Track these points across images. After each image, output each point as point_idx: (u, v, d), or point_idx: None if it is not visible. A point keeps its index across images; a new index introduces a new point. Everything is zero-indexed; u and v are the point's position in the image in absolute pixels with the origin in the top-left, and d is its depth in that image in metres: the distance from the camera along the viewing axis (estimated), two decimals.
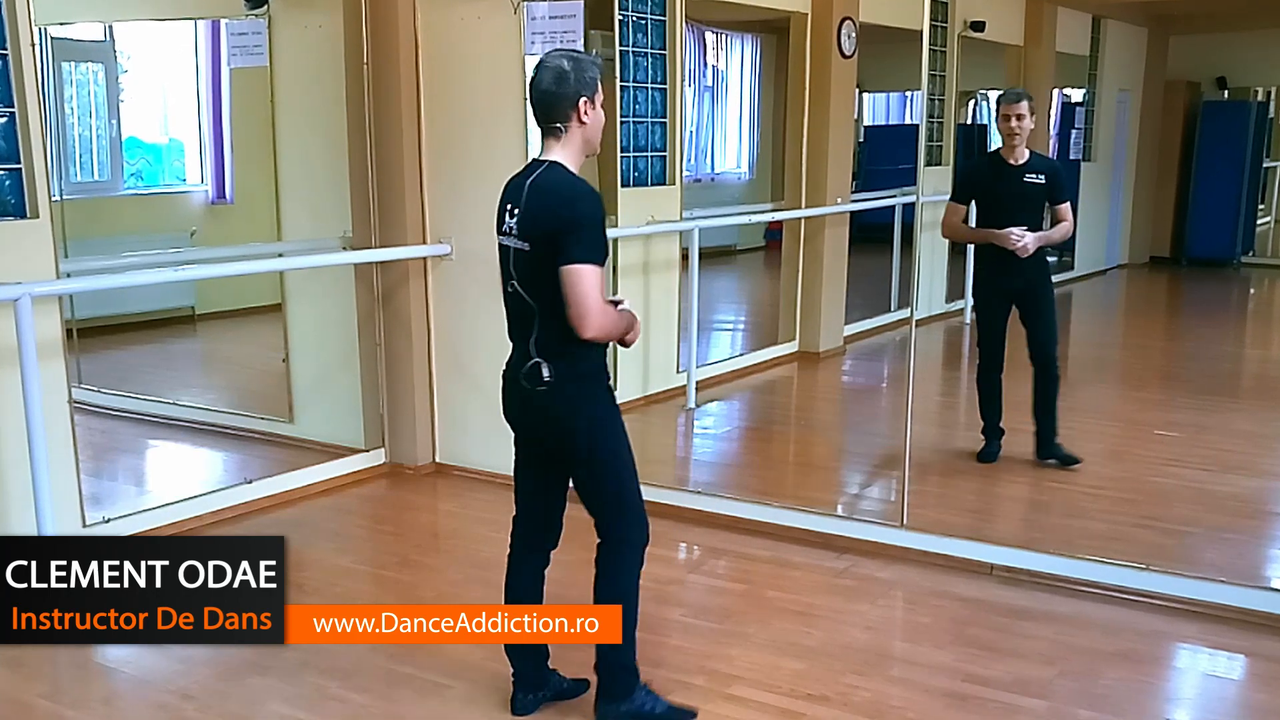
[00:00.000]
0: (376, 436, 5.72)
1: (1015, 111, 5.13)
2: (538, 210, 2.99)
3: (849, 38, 7.32)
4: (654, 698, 3.29)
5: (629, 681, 3.26)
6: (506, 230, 3.08)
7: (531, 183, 3.03)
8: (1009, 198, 5.22)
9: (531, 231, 3.00)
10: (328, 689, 3.48)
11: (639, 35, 6.36)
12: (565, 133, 3.02)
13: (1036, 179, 5.19)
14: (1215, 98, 9.69)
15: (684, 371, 6.58)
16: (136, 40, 8.22)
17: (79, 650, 3.83)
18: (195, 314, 7.95)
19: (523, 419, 3.20)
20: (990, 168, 5.29)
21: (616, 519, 3.22)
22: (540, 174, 3.03)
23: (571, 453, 3.15)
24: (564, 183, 3.00)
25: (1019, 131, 5.13)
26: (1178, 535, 4.71)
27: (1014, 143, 5.15)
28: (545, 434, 3.18)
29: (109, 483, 5.49)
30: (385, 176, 5.48)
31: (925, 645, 3.81)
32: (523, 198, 3.03)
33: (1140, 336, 9.36)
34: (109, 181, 8.09)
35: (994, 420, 5.48)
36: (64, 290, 4.47)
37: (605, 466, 3.18)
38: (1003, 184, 5.22)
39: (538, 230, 2.99)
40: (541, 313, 3.04)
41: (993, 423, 5.48)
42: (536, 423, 3.17)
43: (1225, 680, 3.73)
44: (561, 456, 3.18)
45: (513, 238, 3.06)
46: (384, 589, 4.35)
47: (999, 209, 5.24)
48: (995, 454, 5.46)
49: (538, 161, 3.07)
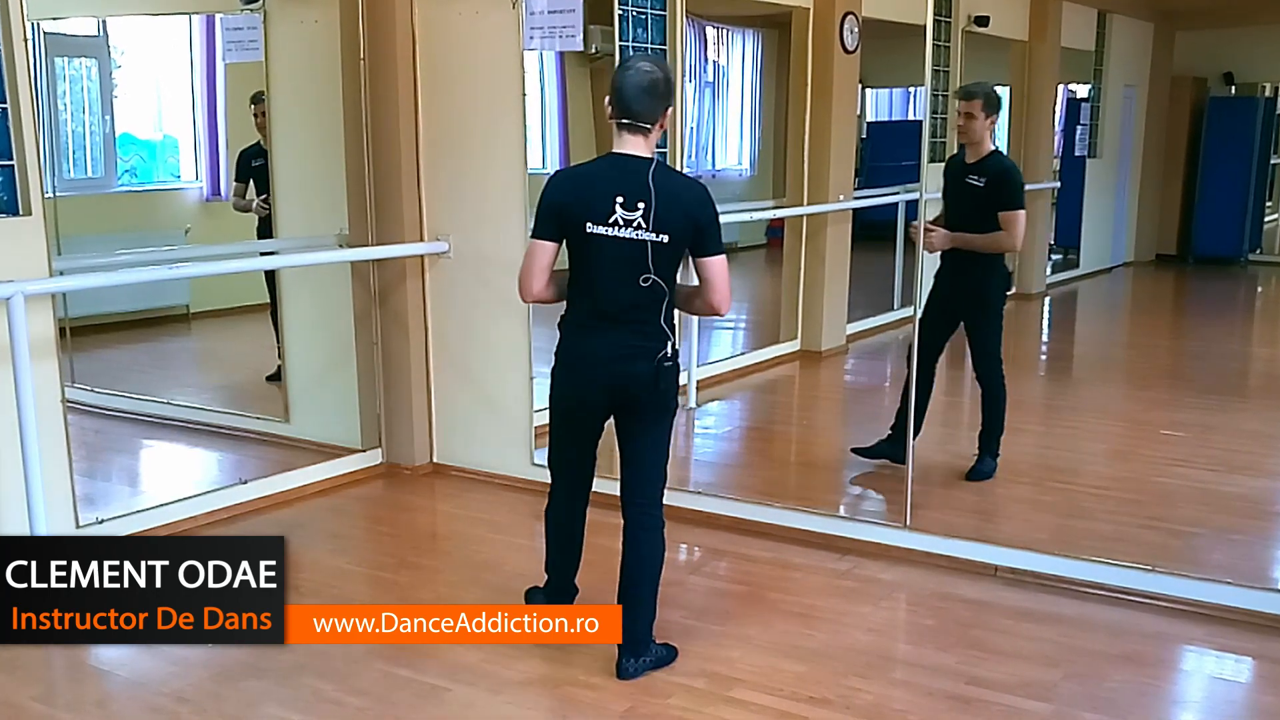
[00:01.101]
0: (373, 436, 5.72)
1: (965, 109, 5.00)
2: (677, 205, 3.31)
3: (851, 32, 7.33)
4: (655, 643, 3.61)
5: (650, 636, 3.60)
6: (626, 223, 3.31)
7: (657, 179, 3.31)
8: (954, 198, 5.13)
9: (671, 225, 3.30)
10: (324, 692, 3.49)
11: (639, 30, 6.36)
12: (650, 132, 3.34)
13: (977, 181, 5.01)
14: (1222, 93, 9.70)
15: (684, 371, 6.59)
16: (130, 35, 8.21)
17: (73, 652, 3.84)
18: (190, 312, 7.94)
19: (637, 392, 3.42)
20: (949, 165, 5.22)
21: (661, 483, 3.56)
22: (659, 171, 3.33)
23: (662, 419, 3.50)
24: (691, 181, 3.46)
25: (965, 130, 5.01)
26: (1184, 536, 4.71)
27: (963, 140, 5.04)
28: (643, 402, 3.44)
29: (102, 483, 5.49)
30: (382, 173, 5.48)
31: (928, 647, 3.82)
32: (651, 193, 3.29)
33: (1146, 335, 9.36)
34: (102, 178, 8.08)
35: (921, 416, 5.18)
36: (57, 288, 4.47)
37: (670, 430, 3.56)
38: (953, 183, 5.13)
39: (679, 224, 3.31)
40: (670, 298, 3.39)
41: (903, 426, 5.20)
42: (644, 391, 3.41)
43: (1232, 683, 3.74)
44: (645, 422, 3.49)
45: (640, 230, 3.30)
46: (381, 590, 4.35)
47: (947, 209, 5.17)
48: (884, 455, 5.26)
49: (636, 158, 3.33)
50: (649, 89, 3.30)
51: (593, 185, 3.34)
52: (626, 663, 3.50)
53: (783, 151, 7.75)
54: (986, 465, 5.27)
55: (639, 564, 3.53)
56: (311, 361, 5.99)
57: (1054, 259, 10.23)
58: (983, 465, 5.27)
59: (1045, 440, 6.30)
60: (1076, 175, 10.14)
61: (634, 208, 3.28)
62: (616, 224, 3.29)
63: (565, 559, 3.82)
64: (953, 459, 5.70)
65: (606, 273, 3.36)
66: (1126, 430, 6.46)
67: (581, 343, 3.46)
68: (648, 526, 3.53)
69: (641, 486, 3.53)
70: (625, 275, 3.34)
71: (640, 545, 3.53)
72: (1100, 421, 6.66)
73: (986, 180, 4.99)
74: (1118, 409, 6.93)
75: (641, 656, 3.52)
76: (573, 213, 3.34)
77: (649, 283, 3.34)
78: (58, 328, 4.41)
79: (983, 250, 5.05)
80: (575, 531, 3.81)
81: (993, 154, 5.07)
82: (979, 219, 5.00)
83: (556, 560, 3.85)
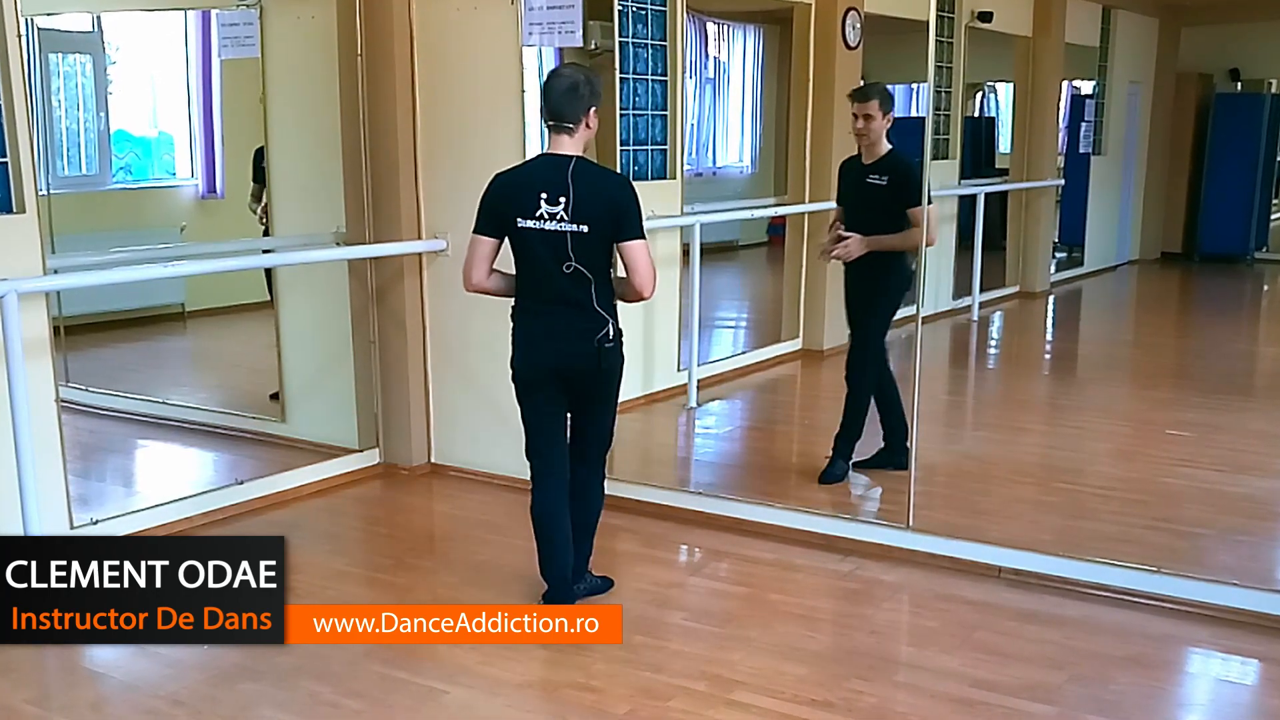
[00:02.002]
0: (370, 436, 5.72)
1: (862, 110, 4.98)
2: (594, 198, 3.66)
3: (854, 28, 7.32)
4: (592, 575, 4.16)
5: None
6: (549, 216, 3.68)
7: (576, 174, 3.67)
8: (855, 200, 5.12)
9: (590, 216, 3.65)
10: (321, 695, 3.49)
11: (639, 26, 6.36)
12: (575, 131, 3.69)
13: (878, 180, 5.01)
14: (1228, 90, 9.70)
15: (685, 370, 6.58)
16: (125, 31, 8.21)
17: (67, 654, 3.84)
18: (185, 311, 7.94)
19: (580, 370, 3.81)
20: (845, 168, 5.20)
21: (606, 447, 4.05)
22: (578, 166, 3.69)
23: (608, 396, 3.92)
24: (609, 173, 3.85)
25: (865, 132, 4.99)
26: (1190, 537, 4.71)
27: (860, 141, 5.04)
28: (593, 383, 3.85)
29: (97, 484, 5.49)
30: (379, 170, 5.48)
31: (931, 650, 3.82)
32: (569, 188, 3.65)
33: (1151, 334, 9.37)
34: (97, 175, 8.08)
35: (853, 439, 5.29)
36: (51, 287, 4.47)
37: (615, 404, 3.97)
38: (852, 185, 5.14)
39: (598, 214, 3.66)
40: (597, 282, 3.72)
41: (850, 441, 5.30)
42: (588, 371, 3.81)
43: (1239, 686, 3.74)
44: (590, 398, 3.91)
45: (561, 222, 3.67)
46: (379, 592, 4.35)
47: (849, 211, 5.17)
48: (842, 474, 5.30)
49: (561, 156, 3.70)
50: (570, 91, 3.67)
51: (521, 184, 3.75)
52: (576, 587, 4.03)
53: (784, 148, 7.74)
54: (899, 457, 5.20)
55: (586, 510, 4.05)
56: (308, 361, 5.99)
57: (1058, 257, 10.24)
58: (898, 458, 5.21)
59: (1049, 440, 6.31)
60: (1081, 173, 10.14)
61: (556, 202, 3.66)
62: (541, 218, 3.68)
63: (549, 552, 3.97)
64: (955, 459, 5.71)
65: (537, 262, 3.74)
66: (1131, 430, 6.46)
67: (527, 326, 3.85)
68: (593, 483, 4.06)
69: (589, 451, 4.02)
70: (552, 264, 3.71)
71: (589, 494, 4.05)
72: (1105, 421, 6.66)
73: (889, 179, 5.00)
74: (1123, 408, 6.93)
75: (580, 584, 4.06)
76: (507, 210, 3.75)
77: (571, 269, 3.70)
78: (52, 326, 4.40)
79: (898, 249, 5.08)
80: (555, 524, 3.96)
81: (890, 153, 5.06)
82: (884, 219, 5.01)
83: (542, 554, 3.99)
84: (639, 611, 4.03)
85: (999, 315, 9.45)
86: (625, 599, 4.19)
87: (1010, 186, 9.50)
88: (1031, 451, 6.02)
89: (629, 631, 3.86)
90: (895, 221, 4.98)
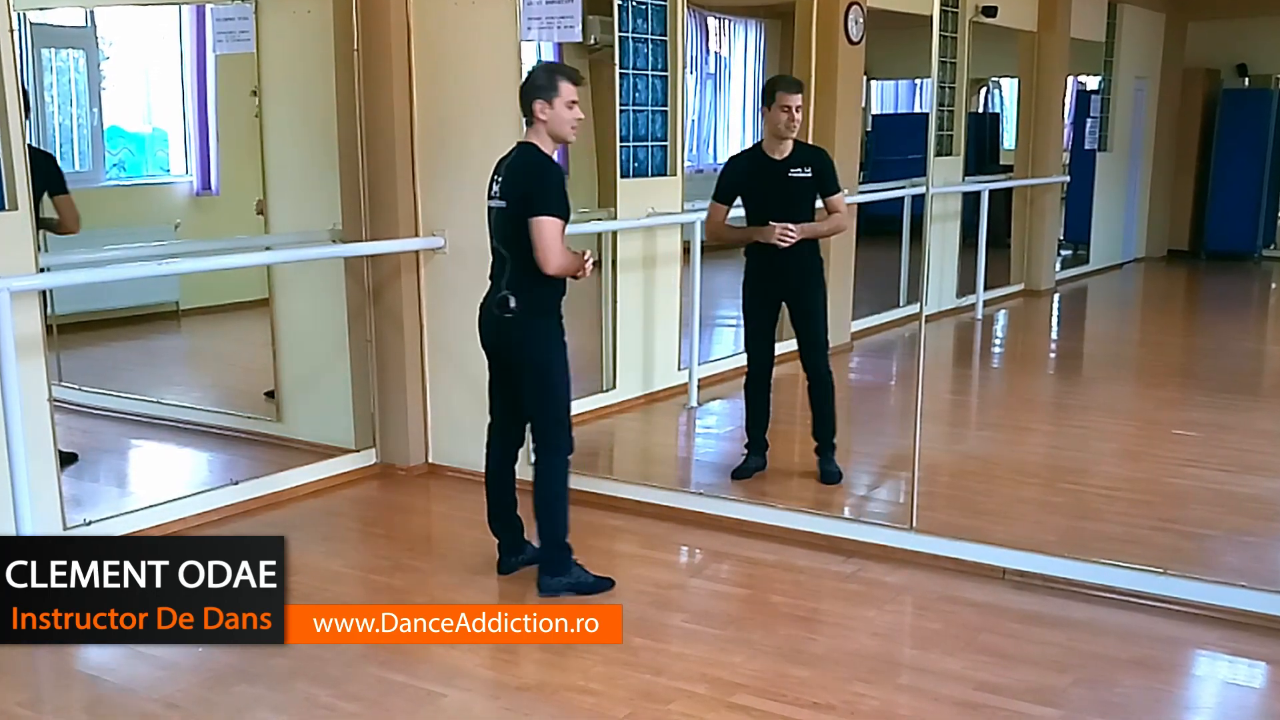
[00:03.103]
0: (367, 436, 5.72)
1: (795, 104, 4.95)
2: (513, 178, 4.06)
3: (856, 23, 7.32)
4: (585, 571, 4.21)
5: (565, 559, 4.19)
6: (492, 195, 4.14)
7: (511, 158, 4.13)
8: (775, 195, 5.07)
9: (509, 194, 4.05)
10: (317, 697, 3.49)
11: (639, 20, 6.37)
12: (532, 122, 4.05)
13: (803, 173, 5.03)
14: (1235, 85, 9.69)
15: (685, 369, 6.59)
16: (119, 26, 8.21)
17: (60, 657, 3.84)
18: (179, 309, 7.94)
19: (493, 341, 4.20)
20: (750, 163, 5.13)
21: (551, 426, 4.18)
22: (517, 152, 4.12)
23: (524, 367, 4.16)
24: (533, 157, 4.05)
25: (792, 124, 4.97)
26: (1196, 538, 4.72)
27: (788, 135, 5.00)
28: (507, 353, 4.18)
29: (90, 484, 5.49)
30: (376, 167, 5.48)
31: (935, 652, 3.82)
32: (503, 169, 4.13)
33: (1158, 332, 9.37)
34: (90, 172, 8.08)
35: (760, 433, 5.37)
36: (43, 285, 4.48)
37: (551, 383, 4.15)
38: (767, 181, 5.07)
39: (514, 193, 4.03)
40: (512, 258, 4.06)
41: (758, 435, 5.38)
42: (502, 344, 4.17)
43: (1246, 689, 3.74)
44: (510, 369, 4.21)
45: (496, 200, 4.12)
46: (375, 593, 4.35)
47: (765, 207, 5.08)
48: (754, 469, 5.35)
49: (519, 143, 4.13)
50: (523, 88, 4.08)
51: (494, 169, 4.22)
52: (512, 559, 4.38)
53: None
54: (834, 466, 5.29)
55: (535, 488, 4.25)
56: (304, 360, 5.99)
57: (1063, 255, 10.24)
58: (831, 467, 5.29)
59: (1054, 440, 6.31)
60: (1086, 169, 10.14)
61: (495, 183, 4.14)
62: (493, 197, 4.14)
63: (490, 511, 4.39)
64: (959, 459, 5.71)
65: (490, 237, 4.19)
66: (1138, 430, 6.46)
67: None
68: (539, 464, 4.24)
69: (534, 427, 4.29)
70: (493, 240, 4.18)
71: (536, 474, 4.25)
72: (1111, 421, 6.67)
73: (812, 169, 5.05)
74: (1128, 408, 6.94)
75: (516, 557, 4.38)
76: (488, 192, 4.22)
77: (494, 246, 4.17)
78: (44, 325, 4.40)
79: (828, 236, 5.23)
80: (495, 484, 4.38)
81: (799, 144, 5.10)
82: (805, 209, 5.10)
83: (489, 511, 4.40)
84: (639, 613, 4.04)
85: (1003, 314, 9.46)
86: (625, 600, 4.19)
87: (1015, 183, 9.51)
88: (1036, 451, 6.02)
89: (628, 634, 3.86)
90: (809, 212, 5.12)
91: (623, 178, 6.30)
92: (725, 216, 5.26)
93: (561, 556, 4.19)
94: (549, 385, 4.16)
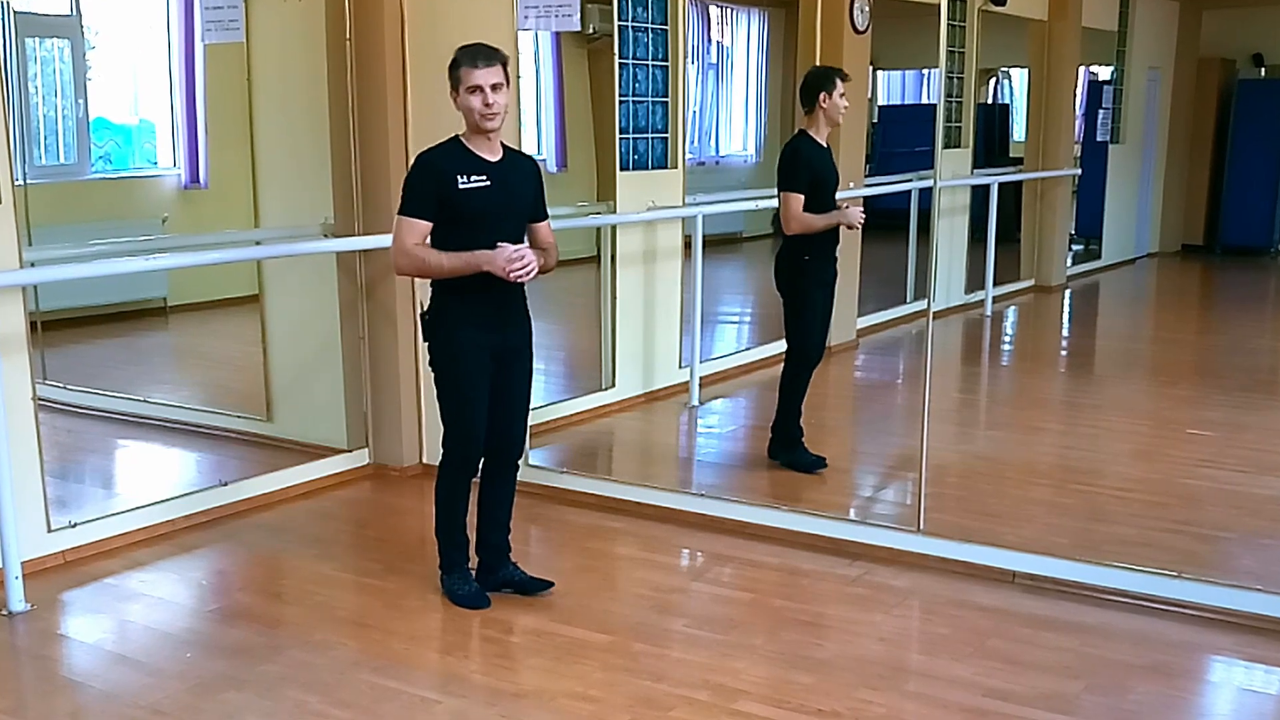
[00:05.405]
0: (360, 436, 5.72)
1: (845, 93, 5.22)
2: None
3: (862, 12, 7.32)
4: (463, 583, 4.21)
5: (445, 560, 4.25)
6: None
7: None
8: (833, 182, 5.31)
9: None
10: (308, 704, 3.48)
11: (639, 9, 6.36)
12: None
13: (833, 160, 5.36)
14: (1251, 76, 9.70)
15: (686, 367, 6.59)
16: (105, 14, 8.21)
17: (44, 664, 3.84)
18: (167, 306, 7.95)
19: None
20: (815, 151, 5.28)
21: (445, 431, 4.13)
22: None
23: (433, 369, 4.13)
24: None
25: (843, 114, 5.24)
26: (1212, 541, 4.71)
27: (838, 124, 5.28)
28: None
29: (75, 485, 5.49)
30: (369, 159, 5.48)
31: (943, 658, 3.81)
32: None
33: (1171, 329, 9.37)
34: (75, 165, 8.08)
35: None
36: (28, 280, 4.46)
37: (437, 387, 4.12)
38: (829, 168, 5.31)
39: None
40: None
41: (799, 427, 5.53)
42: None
43: (1262, 695, 3.73)
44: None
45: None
46: (367, 597, 4.35)
47: (827, 194, 5.28)
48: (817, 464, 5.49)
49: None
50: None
51: None
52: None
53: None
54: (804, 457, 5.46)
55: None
56: (295, 357, 5.99)
57: (1075, 249, 10.26)
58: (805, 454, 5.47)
59: (1066, 440, 6.31)
60: (1098, 162, 10.16)
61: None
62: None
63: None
64: (968, 460, 5.70)
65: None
66: (1151, 429, 6.46)
67: None
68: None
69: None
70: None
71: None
72: (1123, 420, 6.66)
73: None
74: (1142, 407, 6.94)
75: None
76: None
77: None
78: (28, 322, 4.39)
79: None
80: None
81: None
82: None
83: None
84: (639, 618, 4.03)
85: (1013, 310, 9.48)
86: (625, 605, 4.20)
87: (1025, 176, 9.53)
88: (1047, 452, 6.01)
89: (628, 638, 3.87)
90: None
91: (622, 170, 6.29)
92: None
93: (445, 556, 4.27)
94: (439, 392, 4.13)
